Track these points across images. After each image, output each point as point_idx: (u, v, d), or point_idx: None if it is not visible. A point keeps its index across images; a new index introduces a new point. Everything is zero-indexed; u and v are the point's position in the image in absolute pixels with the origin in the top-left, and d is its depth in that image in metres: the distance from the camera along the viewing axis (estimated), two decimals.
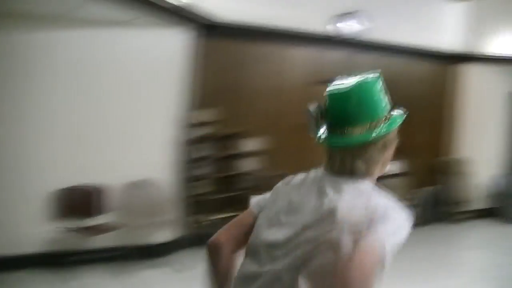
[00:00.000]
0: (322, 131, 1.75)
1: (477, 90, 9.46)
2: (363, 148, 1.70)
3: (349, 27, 8.14)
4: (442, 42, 9.22)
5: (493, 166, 9.78)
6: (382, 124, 1.70)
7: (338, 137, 1.71)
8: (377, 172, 1.75)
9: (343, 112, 1.70)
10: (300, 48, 7.90)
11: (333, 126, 1.73)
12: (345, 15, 8.06)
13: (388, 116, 1.74)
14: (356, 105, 1.70)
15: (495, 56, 9.23)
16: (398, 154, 1.83)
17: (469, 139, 9.60)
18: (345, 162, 1.71)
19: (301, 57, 7.98)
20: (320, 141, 1.74)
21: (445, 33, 9.28)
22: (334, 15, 8.02)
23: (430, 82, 9.26)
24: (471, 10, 9.28)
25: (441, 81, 9.44)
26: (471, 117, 9.49)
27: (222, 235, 1.88)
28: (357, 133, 1.68)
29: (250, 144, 7.60)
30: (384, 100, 1.75)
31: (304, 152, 6.06)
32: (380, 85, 1.77)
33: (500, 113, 9.78)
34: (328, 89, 1.77)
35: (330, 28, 8.01)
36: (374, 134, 1.68)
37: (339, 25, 8.06)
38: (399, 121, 1.76)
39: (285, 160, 7.42)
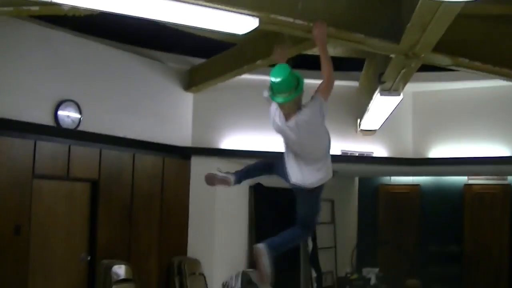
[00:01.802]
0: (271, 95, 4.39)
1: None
2: (294, 100, 4.38)
3: (69, 116, 7.85)
4: (173, 135, 9.52)
5: (236, 263, 10.05)
6: (297, 89, 4.37)
7: (284, 98, 4.35)
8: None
9: (282, 87, 4.31)
10: (8, 138, 7.26)
11: (279, 94, 4.34)
12: (64, 103, 7.77)
13: (297, 84, 4.37)
14: (286, 83, 4.31)
15: (230, 150, 9.80)
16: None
17: (204, 236, 9.81)
18: (289, 107, 4.41)
19: (11, 148, 7.34)
20: (276, 101, 4.41)
21: (177, 125, 9.63)
22: (51, 103, 7.68)
23: (159, 177, 9.33)
24: (200, 102, 9.84)
25: (172, 176, 9.59)
26: (206, 213, 9.74)
27: None
28: (291, 94, 4.34)
29: None
30: (294, 78, 4.36)
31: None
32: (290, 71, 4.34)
33: (242, 209, 10.28)
34: (271, 78, 4.32)
35: (46, 117, 7.62)
36: (297, 93, 4.36)
37: (58, 113, 7.71)
38: (302, 84, 4.38)
39: None
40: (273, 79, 4.30)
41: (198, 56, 9.60)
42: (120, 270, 8.19)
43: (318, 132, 4.58)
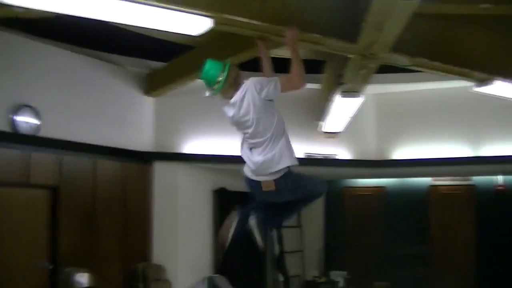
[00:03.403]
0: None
1: (175, 190, 9.77)
2: (227, 83, 4.65)
3: (28, 122, 7.72)
4: (134, 140, 9.48)
5: (201, 268, 10.02)
6: (224, 73, 4.59)
7: (218, 87, 4.63)
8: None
9: (209, 80, 4.63)
10: None
11: (213, 86, 4.64)
12: (22, 109, 7.65)
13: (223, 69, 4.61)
14: (210, 76, 4.62)
15: (193, 155, 9.78)
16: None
17: (168, 242, 9.75)
18: (227, 90, 4.67)
19: None
20: (215, 94, 4.72)
21: (138, 130, 9.60)
22: (8, 108, 7.55)
23: (121, 182, 9.27)
24: (161, 107, 9.81)
25: (135, 181, 9.56)
26: (170, 219, 9.67)
27: None
28: (220, 81, 4.60)
29: None
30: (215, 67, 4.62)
31: None
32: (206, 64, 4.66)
33: (206, 213, 10.24)
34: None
35: (3, 123, 7.48)
36: (224, 77, 4.58)
37: (16, 119, 7.58)
38: (227, 66, 4.63)
39: None
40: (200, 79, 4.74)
41: (157, 60, 9.51)
42: (82, 278, 8.05)
43: (258, 108, 4.51)
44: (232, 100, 4.61)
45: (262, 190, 4.65)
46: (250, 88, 4.53)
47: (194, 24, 4.75)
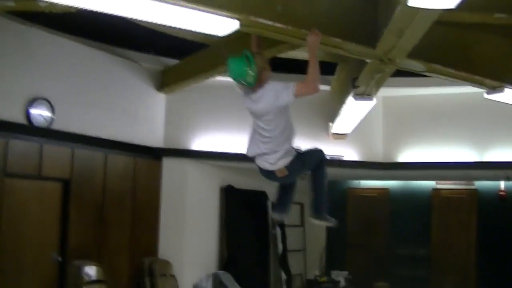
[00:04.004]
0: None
1: (183, 186, 9.83)
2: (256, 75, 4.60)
3: (42, 115, 7.79)
4: (145, 135, 9.54)
5: (207, 264, 10.10)
6: (250, 67, 4.52)
7: (248, 81, 4.59)
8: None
9: (238, 76, 4.59)
10: None
11: (243, 81, 4.60)
12: (36, 101, 7.72)
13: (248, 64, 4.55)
14: (237, 72, 4.57)
15: (202, 152, 9.83)
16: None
17: (175, 237, 9.82)
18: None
19: None
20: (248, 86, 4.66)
21: (149, 126, 9.66)
22: (23, 101, 7.62)
23: (131, 177, 9.34)
24: (173, 103, 9.87)
25: (144, 176, 9.62)
26: (177, 214, 9.75)
27: None
28: (249, 74, 4.54)
29: None
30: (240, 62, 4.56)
31: None
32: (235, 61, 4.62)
33: (213, 210, 10.32)
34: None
35: (18, 115, 7.55)
36: (252, 70, 4.52)
37: (30, 111, 7.65)
38: (251, 59, 4.56)
39: None
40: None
41: (171, 57, 9.60)
42: (91, 271, 8.13)
43: (273, 112, 4.68)
44: (253, 96, 4.70)
45: (278, 176, 4.96)
46: (270, 91, 4.63)
47: (221, 25, 4.84)
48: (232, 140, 9.56)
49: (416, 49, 5.72)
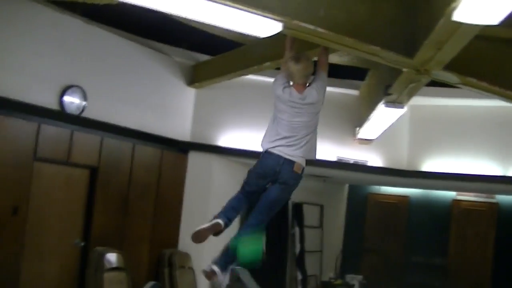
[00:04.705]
0: None
1: (207, 181, 9.88)
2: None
3: (74, 102, 7.89)
4: (173, 128, 9.61)
5: None
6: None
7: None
8: None
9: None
10: (13, 119, 7.25)
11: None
12: (70, 89, 7.81)
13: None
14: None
15: (227, 148, 9.85)
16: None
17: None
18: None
19: (15, 129, 7.34)
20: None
21: (177, 119, 9.73)
22: (58, 88, 7.72)
23: (157, 169, 9.42)
24: (202, 98, 9.92)
25: (170, 169, 9.68)
26: (199, 208, 9.79)
27: None
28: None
29: None
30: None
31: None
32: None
33: None
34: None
35: (52, 101, 7.65)
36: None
37: (63, 98, 7.74)
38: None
39: None
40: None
41: (203, 52, 9.69)
42: (112, 258, 8.25)
43: (317, 109, 4.88)
44: (298, 94, 4.79)
45: (292, 171, 4.88)
46: (314, 91, 4.78)
47: (265, 27, 4.87)
48: (257, 138, 9.57)
49: (451, 61, 5.71)
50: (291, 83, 4.86)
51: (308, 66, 4.79)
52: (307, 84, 4.84)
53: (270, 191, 4.97)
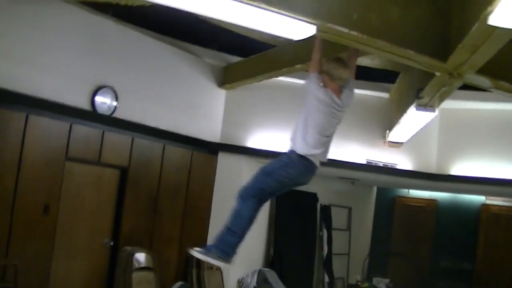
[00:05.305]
0: None
1: (235, 182, 9.84)
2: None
3: (105, 103, 7.94)
4: (203, 129, 9.62)
5: (253, 261, 10.17)
6: None
7: None
8: None
9: None
10: (45, 119, 7.32)
11: None
12: (101, 89, 7.87)
13: None
14: None
15: (256, 149, 9.85)
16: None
17: None
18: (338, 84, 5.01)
19: (46, 128, 7.40)
20: None
21: (207, 120, 9.74)
22: (89, 88, 7.78)
23: (186, 169, 9.42)
24: (232, 100, 9.94)
25: (199, 170, 9.67)
26: (228, 209, 9.74)
27: None
28: None
29: None
30: None
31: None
32: None
33: (263, 208, 10.30)
34: None
35: (83, 101, 7.71)
36: None
37: (95, 99, 7.80)
38: None
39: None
40: None
41: (234, 54, 9.69)
42: (141, 258, 8.27)
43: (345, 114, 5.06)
44: (337, 98, 4.90)
45: (313, 171, 5.07)
46: (350, 97, 4.89)
47: (298, 30, 4.85)
48: (286, 140, 9.55)
49: (484, 65, 5.63)
50: (322, 84, 4.90)
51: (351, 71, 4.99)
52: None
53: None
